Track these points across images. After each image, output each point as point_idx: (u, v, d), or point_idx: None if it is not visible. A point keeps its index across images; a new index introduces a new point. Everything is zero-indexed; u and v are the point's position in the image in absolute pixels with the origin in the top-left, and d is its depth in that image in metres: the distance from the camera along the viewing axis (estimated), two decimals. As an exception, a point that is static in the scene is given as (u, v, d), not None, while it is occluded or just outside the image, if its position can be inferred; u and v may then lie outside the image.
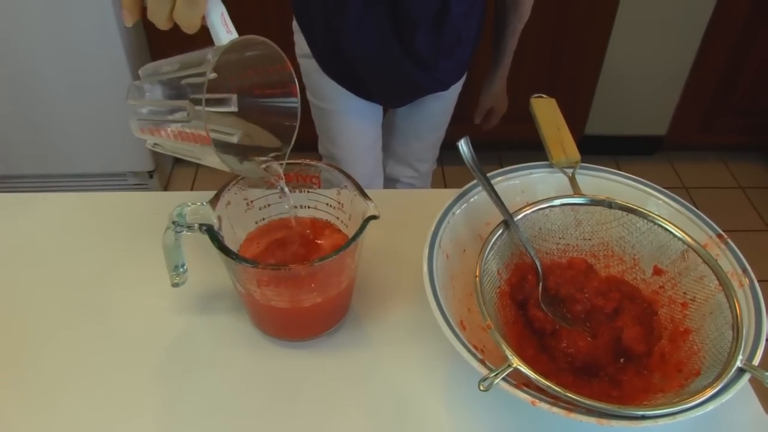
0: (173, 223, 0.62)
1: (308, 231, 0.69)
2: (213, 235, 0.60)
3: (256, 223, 0.69)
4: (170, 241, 0.64)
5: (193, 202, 0.63)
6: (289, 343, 0.68)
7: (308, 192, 0.69)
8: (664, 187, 0.75)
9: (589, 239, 0.72)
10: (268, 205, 0.69)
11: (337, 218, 0.69)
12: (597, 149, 2.33)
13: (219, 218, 0.63)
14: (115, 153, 2.08)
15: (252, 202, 0.68)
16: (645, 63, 2.21)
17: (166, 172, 2.29)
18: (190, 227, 0.62)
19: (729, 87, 2.30)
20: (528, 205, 0.70)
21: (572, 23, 2.09)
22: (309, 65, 1.18)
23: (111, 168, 2.13)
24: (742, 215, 2.29)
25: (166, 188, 2.24)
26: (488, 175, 0.70)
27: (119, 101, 1.98)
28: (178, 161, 2.37)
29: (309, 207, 0.70)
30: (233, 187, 0.66)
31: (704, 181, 2.43)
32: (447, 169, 2.26)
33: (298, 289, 0.62)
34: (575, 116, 2.31)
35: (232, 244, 0.66)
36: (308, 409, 0.62)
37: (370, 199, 0.62)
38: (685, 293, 0.68)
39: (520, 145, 1.85)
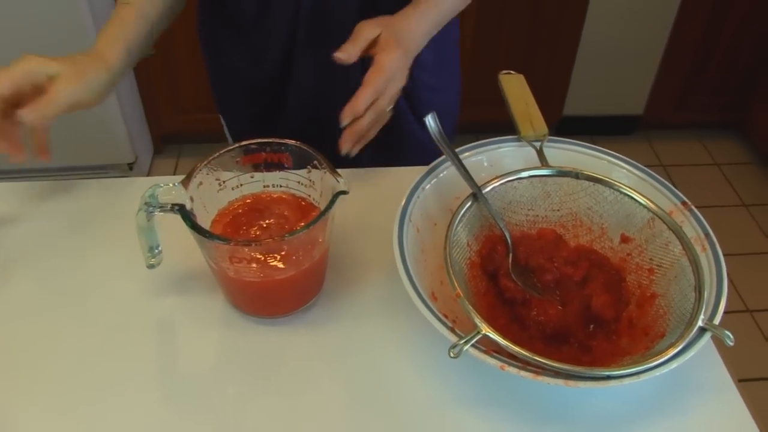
0: (145, 204, 0.63)
1: (280, 206, 0.69)
2: (185, 214, 0.61)
3: (229, 202, 0.70)
4: (143, 223, 0.65)
5: (165, 184, 0.64)
6: (264, 320, 0.69)
7: (279, 171, 0.70)
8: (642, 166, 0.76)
9: (558, 210, 0.74)
10: (240, 185, 0.70)
11: (309, 196, 0.70)
12: (576, 130, 2.35)
13: (191, 198, 0.64)
14: (93, 145, 2.06)
15: (224, 182, 0.69)
16: (620, 42, 2.23)
17: (147, 163, 2.28)
18: (162, 207, 0.63)
19: (703, 65, 2.32)
20: (496, 177, 0.71)
21: (547, 4, 2.10)
22: None
23: (90, 160, 2.12)
24: (717, 191, 2.32)
25: (146, 180, 2.23)
26: (457, 150, 0.72)
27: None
28: (157, 152, 2.36)
29: (281, 186, 0.71)
30: (204, 167, 0.66)
31: (681, 158, 2.46)
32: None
33: (270, 264, 0.63)
34: (553, 97, 2.33)
35: (205, 224, 0.66)
36: (285, 385, 0.63)
37: (339, 175, 0.63)
38: (651, 259, 0.70)
39: (496, 128, 1.87)
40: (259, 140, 0.69)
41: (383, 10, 0.81)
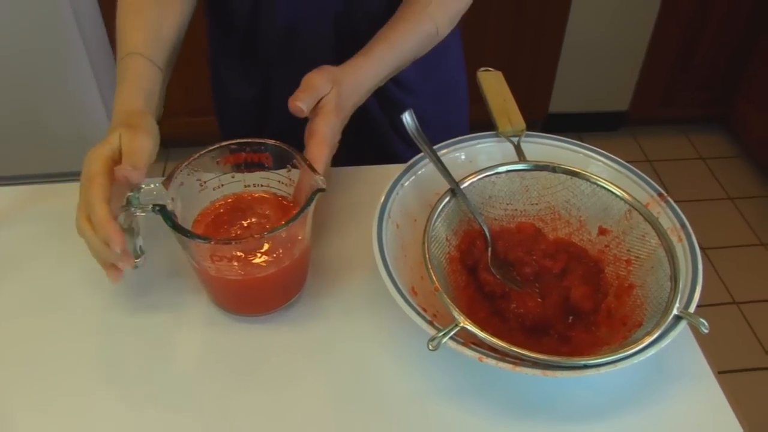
0: (127, 204, 0.63)
1: (262, 206, 0.70)
2: (166, 214, 0.62)
3: (211, 202, 0.70)
4: (125, 223, 0.65)
5: (147, 184, 0.64)
6: (248, 319, 0.69)
7: (260, 171, 0.70)
8: (628, 162, 0.77)
9: (536, 204, 0.75)
10: (222, 185, 0.70)
11: (289, 194, 0.70)
12: (562, 127, 2.37)
13: (172, 199, 0.65)
14: (80, 152, 2.06)
15: (205, 182, 0.69)
16: (604, 39, 2.25)
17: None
18: (143, 208, 0.63)
19: (687, 61, 2.34)
20: (474, 173, 0.72)
21: (530, 3, 2.12)
22: None
23: (77, 167, 2.10)
24: (703, 185, 2.34)
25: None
26: (435, 147, 0.72)
27: (84, 103, 1.97)
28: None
29: (262, 186, 0.71)
30: (185, 168, 0.67)
31: (667, 154, 2.48)
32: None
33: (252, 263, 0.63)
34: (539, 95, 2.35)
35: (187, 224, 0.67)
36: (269, 381, 0.64)
37: (318, 173, 0.64)
38: (629, 251, 0.71)
39: (481, 126, 1.88)
40: (239, 140, 0.69)
41: (359, 30, 0.83)
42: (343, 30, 0.89)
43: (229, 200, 0.71)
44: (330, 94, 0.71)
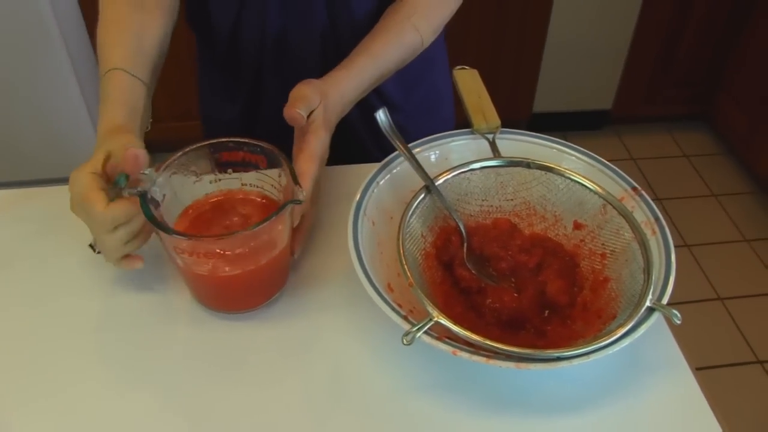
0: (114, 183, 0.63)
1: (252, 205, 0.71)
2: (145, 201, 0.62)
3: (205, 195, 0.71)
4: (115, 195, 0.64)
5: (143, 171, 0.64)
6: (229, 316, 0.70)
7: (256, 172, 0.70)
8: (611, 160, 0.77)
9: (512, 200, 0.75)
10: (219, 180, 0.71)
11: (279, 200, 0.70)
12: (546, 126, 2.37)
13: (160, 187, 0.65)
14: (66, 157, 2.06)
15: (201, 174, 0.70)
16: (586, 38, 2.26)
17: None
18: (129, 190, 0.63)
19: (669, 58, 2.36)
20: (448, 170, 0.72)
21: (512, 4, 2.13)
22: None
23: (63, 173, 2.10)
24: (687, 183, 2.36)
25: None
26: (409, 145, 0.73)
27: (74, 109, 1.97)
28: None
29: (257, 186, 0.71)
30: (181, 158, 0.67)
31: (651, 151, 2.50)
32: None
33: (227, 261, 0.64)
34: (523, 95, 2.35)
35: (173, 215, 0.68)
36: (250, 377, 0.64)
37: (299, 185, 0.64)
38: (603, 245, 0.71)
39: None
40: (236, 139, 0.69)
41: (344, 41, 0.83)
42: (329, 41, 0.88)
43: (221, 197, 0.71)
44: (318, 109, 0.71)
